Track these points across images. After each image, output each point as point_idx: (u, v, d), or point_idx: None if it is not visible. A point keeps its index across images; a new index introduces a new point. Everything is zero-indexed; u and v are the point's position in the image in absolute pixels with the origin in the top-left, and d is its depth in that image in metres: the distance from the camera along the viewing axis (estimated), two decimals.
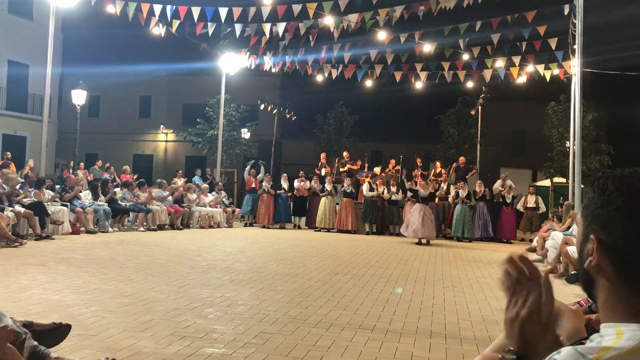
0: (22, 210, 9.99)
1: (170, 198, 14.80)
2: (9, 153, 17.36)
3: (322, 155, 19.87)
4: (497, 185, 16.02)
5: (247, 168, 17.71)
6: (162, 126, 32.53)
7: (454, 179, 17.58)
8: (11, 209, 9.80)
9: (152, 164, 32.83)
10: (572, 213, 10.18)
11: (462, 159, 18.63)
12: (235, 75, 20.53)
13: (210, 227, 15.41)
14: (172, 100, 32.54)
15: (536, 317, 0.99)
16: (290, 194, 17.19)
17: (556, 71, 15.46)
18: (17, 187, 10.86)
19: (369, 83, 18.67)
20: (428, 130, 28.21)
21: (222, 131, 20.95)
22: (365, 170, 19.08)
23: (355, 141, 26.37)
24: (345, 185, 16.57)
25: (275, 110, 22.65)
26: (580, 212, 1.04)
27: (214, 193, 16.82)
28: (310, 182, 17.28)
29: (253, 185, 17.25)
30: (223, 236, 13.21)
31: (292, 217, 17.42)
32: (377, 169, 18.20)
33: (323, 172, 18.63)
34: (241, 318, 4.93)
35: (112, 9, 13.23)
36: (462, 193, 15.64)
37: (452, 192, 16.10)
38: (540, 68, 15.47)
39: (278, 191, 16.99)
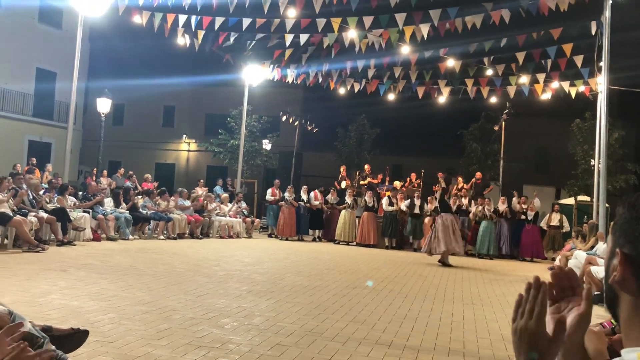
0: (45, 215, 10.14)
1: (191, 207, 14.89)
2: (34, 159, 17.70)
3: (342, 167, 19.86)
4: (514, 202, 15.86)
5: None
6: (184, 136, 32.90)
7: (472, 194, 17.45)
8: (34, 214, 9.96)
9: (174, 173, 33.16)
10: (598, 234, 9.99)
11: (479, 174, 18.49)
12: (258, 87, 20.69)
13: (230, 237, 15.46)
14: (195, 110, 32.91)
15: (542, 328, 0.99)
16: (308, 204, 17.19)
17: (582, 88, 15.26)
18: (41, 192, 11.05)
19: (391, 97, 18.67)
20: (450, 145, 28.05)
21: (244, 142, 21.10)
22: (386, 184, 19.01)
23: (376, 154, 26.34)
24: (367, 198, 16.52)
25: (296, 122, 22.74)
26: (610, 229, 1.04)
27: (234, 203, 16.89)
28: (321, 195, 17.22)
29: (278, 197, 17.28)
30: (242, 246, 13.25)
31: (310, 229, 17.42)
32: (397, 183, 18.14)
33: (343, 184, 18.62)
34: (257, 329, 4.93)
35: (138, 20, 13.47)
36: (488, 209, 15.49)
37: (473, 208, 15.96)
38: (566, 85, 15.30)
39: (299, 202, 17.00)
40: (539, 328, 0.99)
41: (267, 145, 24.40)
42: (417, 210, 15.98)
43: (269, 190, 17.79)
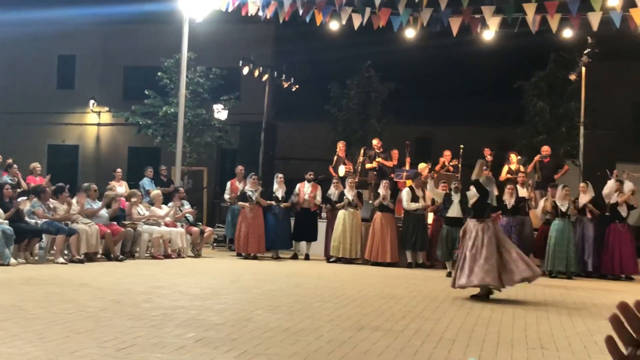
0: None
1: (104, 212, 14.88)
2: None
3: (340, 144, 19.84)
4: (610, 187, 15.87)
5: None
6: (92, 102, 32.62)
7: (537, 178, 17.50)
8: None
9: (78, 160, 32.93)
10: None
11: (546, 148, 18.55)
12: (205, 24, 20.55)
13: (167, 256, 15.48)
14: (108, 61, 32.61)
15: None
16: (288, 204, 17.18)
17: None
18: None
19: (410, 34, 18.62)
20: (503, 106, 28.08)
21: (184, 109, 20.99)
22: (406, 167, 19.04)
23: (391, 123, 26.31)
24: (381, 191, 16.49)
25: (266, 76, 22.62)
26: None
27: (172, 204, 16.86)
28: (313, 187, 17.26)
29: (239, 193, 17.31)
30: (186, 271, 13.21)
31: (294, 242, 17.45)
32: (423, 166, 18.17)
33: (342, 170, 18.63)
34: None
35: None
36: (562, 203, 15.52)
37: (541, 202, 16.03)
38: None
39: (269, 202, 16.98)
40: None
41: (221, 113, 24.25)
42: (455, 213, 14.61)
43: (228, 184, 17.77)
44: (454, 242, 13.65)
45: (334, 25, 18.18)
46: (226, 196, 17.80)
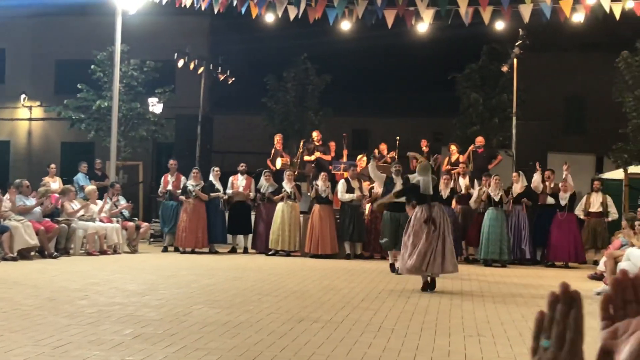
0: None
1: (38, 209, 14.62)
2: None
3: (277, 137, 19.82)
4: (537, 180, 16.21)
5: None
6: (23, 96, 32.00)
7: (470, 168, 17.81)
8: None
9: (9, 156, 32.29)
10: None
11: (480, 139, 18.86)
12: (138, 15, 20.29)
13: (103, 252, 15.33)
14: (39, 55, 32.00)
15: None
16: (225, 197, 17.14)
17: (630, 4, 15.72)
18: None
19: (346, 27, 18.67)
20: (438, 98, 28.39)
21: (118, 102, 20.69)
22: (344, 159, 19.13)
23: (328, 115, 26.38)
24: (320, 182, 16.57)
25: (201, 69, 22.43)
26: None
27: (106, 199, 16.66)
28: (247, 180, 17.27)
29: (170, 188, 17.21)
30: (123, 267, 13.11)
31: (230, 235, 17.43)
32: (361, 158, 18.29)
33: (279, 163, 18.62)
34: None
35: None
36: (495, 192, 15.82)
37: (475, 191, 16.29)
38: (606, 1, 15.71)
39: (212, 194, 16.89)
40: None
41: (156, 106, 23.97)
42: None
43: (162, 179, 17.65)
44: (397, 228, 12.85)
45: (269, 17, 18.09)
46: (161, 191, 17.65)
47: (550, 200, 16.14)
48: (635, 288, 1.06)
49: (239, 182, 17.39)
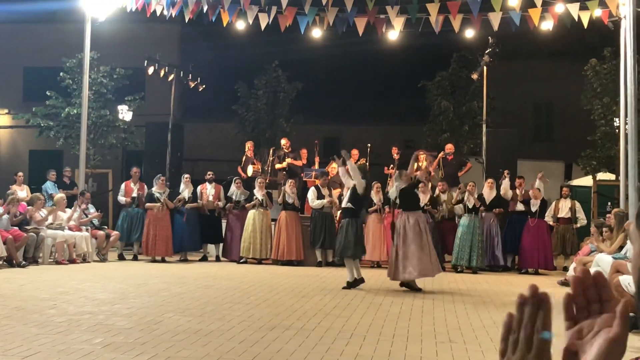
0: None
1: (5, 217, 14.46)
2: None
3: (248, 144, 19.81)
4: (505, 188, 16.33)
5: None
6: None
7: (440, 176, 17.90)
8: None
9: None
10: (626, 225, 10.51)
11: (450, 146, 18.98)
12: (108, 23, 20.18)
13: (72, 261, 15.19)
14: (6, 61, 31.67)
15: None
16: (195, 205, 17.08)
17: (598, 13, 15.92)
18: None
19: (317, 34, 18.72)
20: (408, 105, 28.55)
21: (88, 109, 20.54)
22: (316, 166, 19.15)
23: (299, 123, 26.40)
24: (287, 189, 16.56)
25: (172, 76, 22.32)
26: (636, 221, 1.06)
27: (75, 207, 16.52)
28: (216, 189, 17.25)
29: (134, 195, 17.18)
30: (92, 276, 13.01)
31: (202, 244, 17.37)
32: (334, 166, 18.30)
33: (250, 170, 18.60)
34: None
35: None
36: (470, 200, 15.91)
37: (444, 196, 16.41)
38: (574, 8, 15.91)
39: (177, 203, 16.80)
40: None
41: (125, 113, 23.82)
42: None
43: (123, 186, 17.63)
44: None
45: (240, 25, 18.10)
46: (121, 198, 17.54)
47: (520, 207, 16.27)
48: (597, 287, 1.07)
49: (208, 190, 17.37)
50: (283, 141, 19.73)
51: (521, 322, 1.05)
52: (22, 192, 17.12)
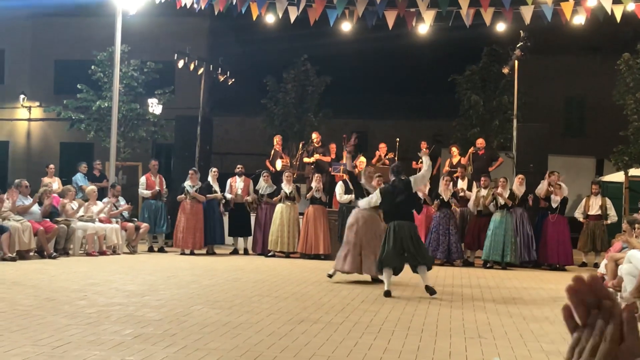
0: None
1: (37, 209, 14.62)
2: None
3: (277, 138, 19.83)
4: (542, 188, 16.22)
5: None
6: (22, 96, 32.01)
7: (470, 171, 17.83)
8: None
9: (7, 156, 32.28)
10: None
11: (481, 141, 18.88)
12: (139, 16, 20.29)
13: (102, 253, 15.30)
14: (38, 55, 32.01)
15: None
16: (223, 200, 17.16)
17: (631, 6, 15.74)
18: None
19: (346, 28, 18.70)
20: (438, 100, 28.44)
21: (118, 103, 20.70)
22: (344, 161, 19.12)
23: (327, 117, 26.41)
24: (314, 184, 16.59)
25: (201, 70, 22.41)
26: None
27: (106, 200, 16.65)
28: (246, 182, 17.31)
29: (157, 188, 17.36)
30: (122, 267, 13.10)
31: (230, 237, 17.44)
32: (361, 159, 18.31)
33: (279, 164, 18.62)
34: None
35: None
36: (503, 194, 15.79)
37: (473, 193, 16.33)
38: (607, 2, 15.73)
39: (209, 195, 16.89)
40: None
41: (155, 107, 23.98)
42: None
43: (143, 179, 17.73)
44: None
45: (269, 18, 18.11)
46: (144, 192, 17.65)
47: (542, 203, 16.23)
48: (594, 290, 1.05)
49: (237, 184, 17.42)
50: (314, 135, 19.72)
51: (592, 330, 1.03)
52: (53, 184, 17.32)
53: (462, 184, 16.79)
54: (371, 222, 11.96)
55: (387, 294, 10.42)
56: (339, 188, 16.37)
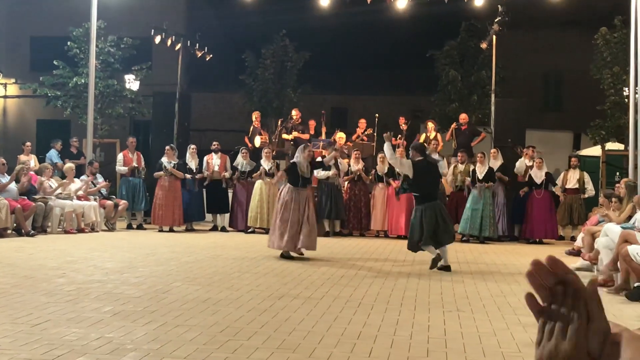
0: None
1: (13, 186, 14.52)
2: None
3: (255, 115, 19.75)
4: (521, 165, 16.35)
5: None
6: None
7: (454, 146, 17.89)
8: None
9: None
10: (635, 199, 10.49)
11: (464, 116, 18.93)
12: None
13: (81, 230, 15.27)
14: (13, 31, 31.66)
15: (583, 352, 0.99)
16: (202, 175, 17.12)
17: None
18: None
19: (324, 2, 18.63)
20: (416, 75, 28.44)
21: (95, 79, 20.52)
22: (323, 137, 19.11)
23: (306, 92, 26.33)
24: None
25: (179, 46, 22.24)
26: None
27: (84, 177, 16.56)
28: (222, 159, 17.28)
29: (135, 164, 17.28)
30: (101, 245, 13.07)
31: (208, 213, 17.42)
32: (340, 135, 18.29)
33: (257, 141, 18.57)
34: None
35: None
36: (480, 169, 15.91)
37: (451, 169, 16.42)
38: None
39: (186, 174, 16.82)
40: (579, 353, 0.99)
41: (133, 83, 23.79)
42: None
43: (120, 156, 17.68)
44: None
45: None
46: (120, 168, 17.59)
47: (520, 178, 16.35)
48: (554, 269, 1.04)
49: (214, 161, 17.38)
50: (293, 112, 19.64)
51: (558, 311, 1.03)
52: (30, 161, 17.19)
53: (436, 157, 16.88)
54: (303, 198, 12.00)
55: (446, 268, 10.71)
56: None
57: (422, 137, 18.69)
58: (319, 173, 16.26)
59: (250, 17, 25.85)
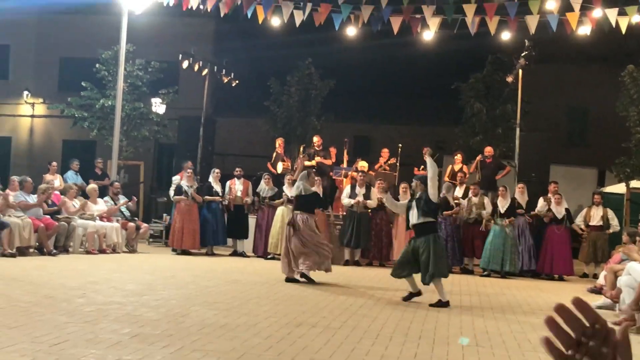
0: None
1: (38, 206, 14.60)
2: None
3: (279, 141, 19.83)
4: (541, 205, 16.23)
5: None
6: (26, 93, 32.03)
7: (478, 178, 17.81)
8: None
9: (10, 152, 32.28)
10: None
11: (489, 149, 18.86)
12: (144, 16, 20.33)
13: (102, 251, 15.32)
14: (43, 52, 32.02)
15: None
16: (225, 201, 17.16)
17: (636, 18, 15.75)
18: None
19: (351, 32, 18.72)
20: (440, 106, 28.43)
21: (122, 102, 20.73)
22: (344, 165, 19.13)
23: (330, 120, 26.41)
24: (315, 189, 16.58)
25: (205, 71, 22.44)
26: None
27: (107, 199, 16.66)
28: (245, 185, 17.29)
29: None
30: (121, 266, 13.12)
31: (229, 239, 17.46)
32: (362, 164, 18.29)
33: (280, 167, 18.63)
34: None
35: None
36: (502, 204, 15.80)
37: (474, 199, 16.33)
38: (612, 13, 15.75)
39: (207, 197, 16.88)
40: None
41: (159, 106, 24.01)
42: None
43: (175, 178, 17.64)
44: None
45: (275, 22, 18.15)
46: (173, 195, 17.55)
47: (547, 219, 16.24)
48: (582, 313, 1.03)
49: (237, 186, 17.42)
50: (315, 139, 19.69)
51: (586, 348, 1.01)
52: (55, 181, 17.34)
53: (459, 191, 16.79)
54: (309, 223, 12.33)
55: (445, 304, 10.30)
56: (346, 192, 16.57)
57: (448, 169, 18.68)
58: (344, 200, 16.30)
59: (276, 45, 25.97)
